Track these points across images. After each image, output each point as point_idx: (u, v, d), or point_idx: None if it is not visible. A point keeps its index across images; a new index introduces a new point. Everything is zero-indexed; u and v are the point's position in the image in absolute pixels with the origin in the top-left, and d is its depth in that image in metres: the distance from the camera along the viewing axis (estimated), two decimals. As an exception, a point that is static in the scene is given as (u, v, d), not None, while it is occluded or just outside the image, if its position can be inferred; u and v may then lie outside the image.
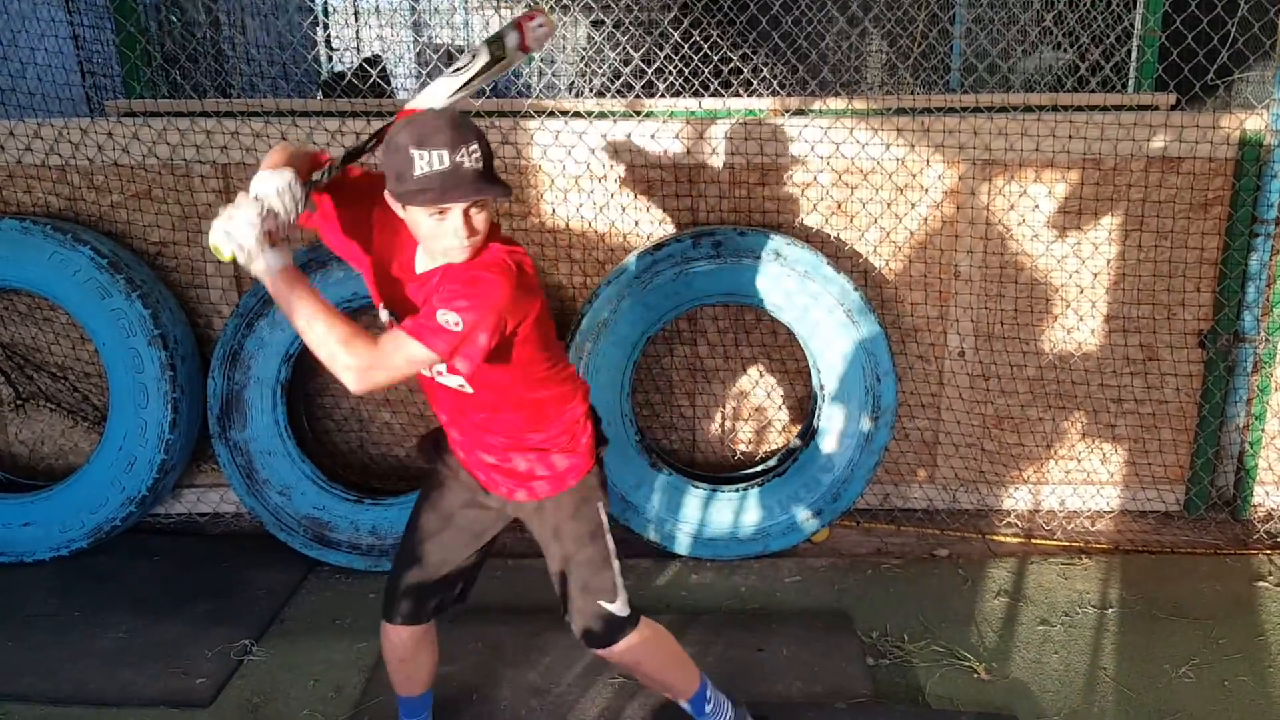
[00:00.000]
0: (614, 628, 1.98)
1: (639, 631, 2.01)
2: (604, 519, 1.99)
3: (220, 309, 3.23)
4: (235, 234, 1.64)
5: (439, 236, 1.67)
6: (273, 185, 1.66)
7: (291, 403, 3.12)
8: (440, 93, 1.89)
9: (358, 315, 3.23)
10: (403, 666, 2.13)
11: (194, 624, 2.78)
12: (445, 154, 1.61)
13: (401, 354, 1.66)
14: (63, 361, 3.34)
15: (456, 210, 1.64)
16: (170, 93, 3.96)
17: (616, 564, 1.98)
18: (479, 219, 1.67)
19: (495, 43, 1.90)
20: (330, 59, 5.41)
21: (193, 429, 3.15)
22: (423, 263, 1.78)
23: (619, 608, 1.98)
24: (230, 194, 3.15)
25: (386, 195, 1.71)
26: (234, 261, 1.68)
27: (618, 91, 3.52)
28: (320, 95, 4.85)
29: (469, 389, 1.82)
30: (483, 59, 1.88)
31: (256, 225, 1.64)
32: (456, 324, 1.63)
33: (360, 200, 1.84)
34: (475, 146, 1.64)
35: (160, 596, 2.93)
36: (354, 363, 1.65)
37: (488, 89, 3.34)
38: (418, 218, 1.67)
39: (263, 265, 1.66)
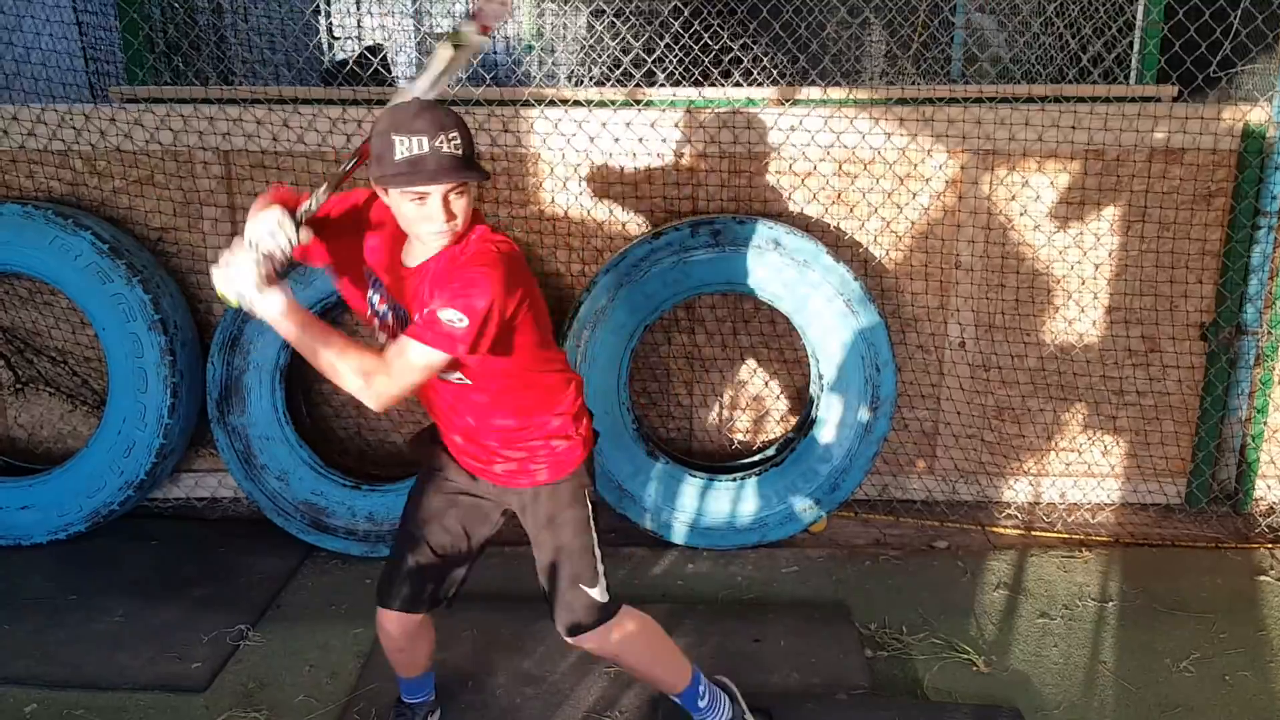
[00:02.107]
0: (597, 615, 1.99)
1: (621, 622, 2.01)
2: (590, 507, 2.00)
3: (220, 295, 3.23)
4: (236, 281, 1.69)
5: (419, 220, 1.70)
6: (263, 227, 1.70)
7: (290, 388, 3.12)
8: (415, 93, 1.89)
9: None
10: (399, 655, 2.15)
11: (190, 608, 2.78)
12: (424, 139, 1.64)
13: (412, 361, 1.69)
14: (63, 346, 3.34)
15: (436, 194, 1.67)
16: (173, 79, 3.97)
17: (599, 552, 2.00)
18: (458, 204, 1.71)
19: (454, 35, 1.90)
20: (332, 47, 5.42)
21: (191, 414, 3.15)
22: (413, 255, 1.80)
23: (599, 593, 1.99)
24: (232, 180, 3.16)
25: (372, 181, 1.73)
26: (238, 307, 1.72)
27: (618, 80, 3.51)
28: (321, 83, 4.85)
29: (467, 381, 1.83)
30: (445, 54, 1.87)
31: (254, 270, 1.68)
32: (460, 320, 1.65)
33: (344, 215, 1.87)
34: (455, 134, 1.67)
35: (157, 581, 2.94)
36: (366, 384, 1.70)
37: (488, 78, 3.35)
38: (399, 202, 1.70)
39: (265, 308, 1.69)
